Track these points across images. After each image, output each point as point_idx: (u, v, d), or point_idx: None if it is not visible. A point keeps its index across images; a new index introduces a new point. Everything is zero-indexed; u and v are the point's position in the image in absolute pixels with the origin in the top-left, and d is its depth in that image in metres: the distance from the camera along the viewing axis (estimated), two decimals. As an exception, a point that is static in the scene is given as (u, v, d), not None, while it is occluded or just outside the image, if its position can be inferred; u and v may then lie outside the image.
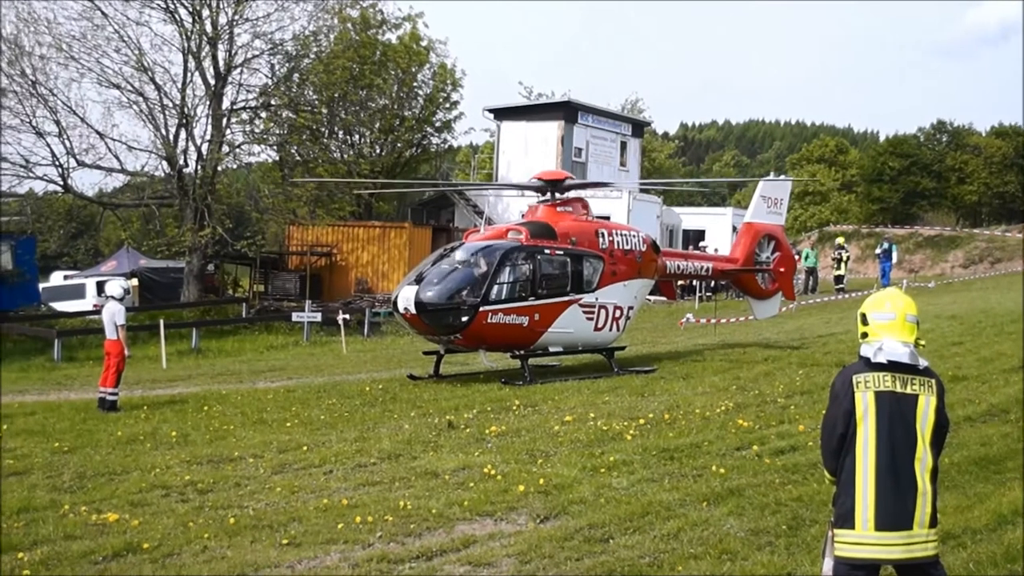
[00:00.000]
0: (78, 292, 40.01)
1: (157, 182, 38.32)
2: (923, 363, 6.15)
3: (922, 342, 6.34)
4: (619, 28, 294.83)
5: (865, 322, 6.32)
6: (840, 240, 44.59)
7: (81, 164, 36.40)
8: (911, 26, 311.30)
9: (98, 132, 36.51)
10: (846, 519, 6.07)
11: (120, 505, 10.72)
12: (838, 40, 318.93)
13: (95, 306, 36.71)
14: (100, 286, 38.27)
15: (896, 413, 6.04)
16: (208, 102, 37.43)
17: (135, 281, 40.57)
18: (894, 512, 5.97)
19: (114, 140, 36.94)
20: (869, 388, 6.08)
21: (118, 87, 36.41)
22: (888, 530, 5.97)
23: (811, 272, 43.49)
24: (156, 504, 10.82)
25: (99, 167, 37.26)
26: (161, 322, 28.76)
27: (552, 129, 51.56)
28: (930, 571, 6.08)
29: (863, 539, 6.00)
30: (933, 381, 6.16)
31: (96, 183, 69.29)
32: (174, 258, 43.22)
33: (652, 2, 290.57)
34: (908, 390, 6.08)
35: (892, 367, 6.10)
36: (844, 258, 42.52)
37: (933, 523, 6.07)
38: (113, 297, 18.18)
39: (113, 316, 17.90)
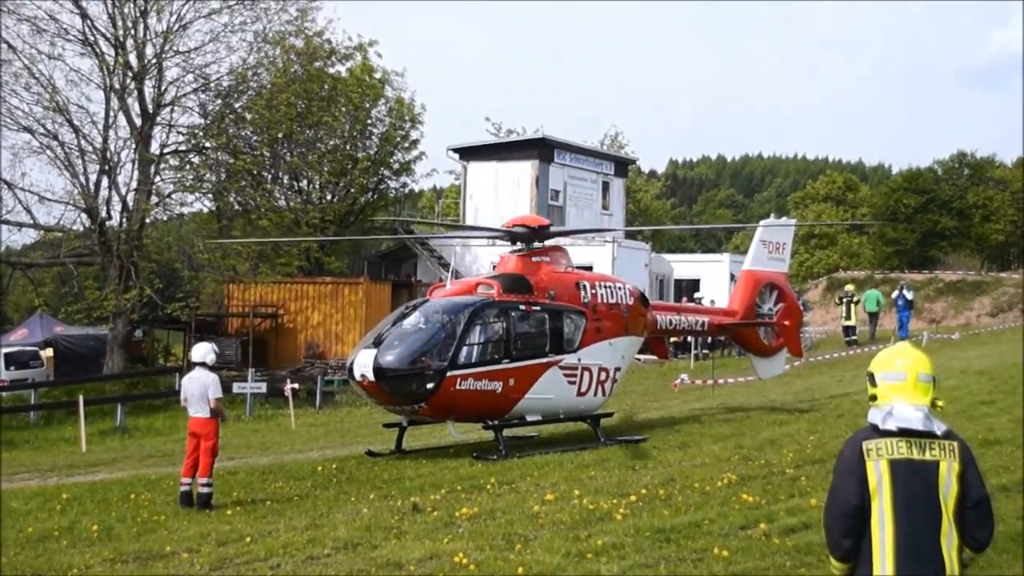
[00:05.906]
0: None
1: (75, 237, 38.11)
2: (941, 427, 6.05)
3: (940, 403, 6.23)
4: (596, 57, 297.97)
5: (874, 383, 6.26)
6: (850, 287, 44.74)
7: (-16, 218, 36.26)
8: (927, 50, 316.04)
9: (5, 182, 36.40)
10: None
11: (32, 614, 10.53)
12: (845, 64, 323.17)
13: (2, 382, 36.36)
14: (8, 358, 37.93)
15: (915, 483, 5.94)
16: (134, 145, 37.37)
17: (50, 351, 40.21)
18: None
19: (24, 190, 36.84)
20: (882, 456, 5.99)
21: (28, 130, 36.37)
22: None
23: (873, 317, 43.46)
24: (75, 609, 10.64)
25: (6, 222, 37.14)
26: (80, 398, 28.48)
27: (525, 169, 51.77)
28: None
29: None
30: (956, 444, 6.05)
31: (2, 240, 68.81)
32: (95, 324, 42.95)
33: (633, 24, 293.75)
34: (927, 456, 5.98)
35: (905, 433, 6.01)
36: (854, 300, 42.42)
37: None
38: (203, 365, 16.64)
39: (207, 388, 16.40)
